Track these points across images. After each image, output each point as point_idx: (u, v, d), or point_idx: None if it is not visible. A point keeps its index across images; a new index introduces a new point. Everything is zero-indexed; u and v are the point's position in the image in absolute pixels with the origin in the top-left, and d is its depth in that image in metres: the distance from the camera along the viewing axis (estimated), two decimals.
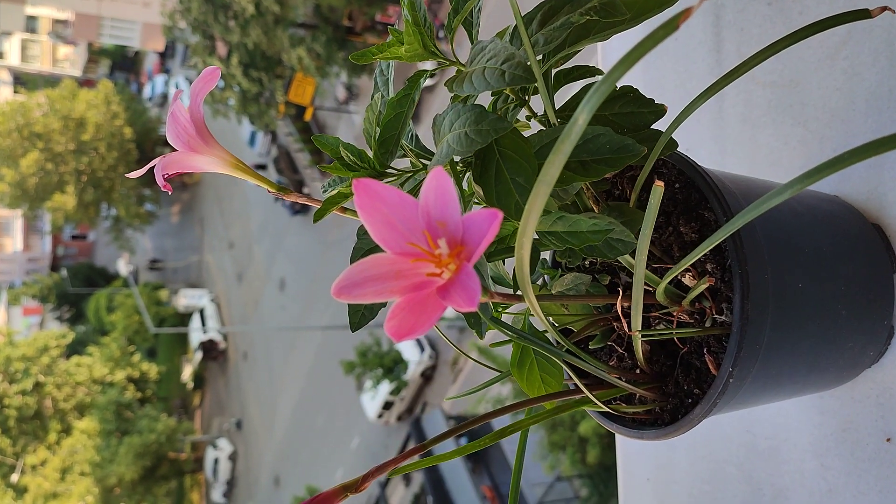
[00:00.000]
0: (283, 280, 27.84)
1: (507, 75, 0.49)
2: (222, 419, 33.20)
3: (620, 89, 0.60)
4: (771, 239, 0.60)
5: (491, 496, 14.24)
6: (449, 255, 0.41)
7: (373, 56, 0.58)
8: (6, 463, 28.28)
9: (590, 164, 0.56)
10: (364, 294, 0.41)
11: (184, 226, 39.45)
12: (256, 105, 19.68)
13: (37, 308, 41.14)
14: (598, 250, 0.58)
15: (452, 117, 0.53)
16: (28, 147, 29.13)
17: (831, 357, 0.67)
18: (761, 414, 0.82)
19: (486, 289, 0.49)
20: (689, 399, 0.63)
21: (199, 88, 0.57)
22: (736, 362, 0.57)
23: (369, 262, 0.42)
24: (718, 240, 0.49)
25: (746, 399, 0.63)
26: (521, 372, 0.65)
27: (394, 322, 0.40)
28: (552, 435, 10.26)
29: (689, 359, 0.65)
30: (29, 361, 28.23)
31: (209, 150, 0.58)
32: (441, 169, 0.39)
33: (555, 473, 11.44)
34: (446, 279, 0.41)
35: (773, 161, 0.81)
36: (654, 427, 0.64)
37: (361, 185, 0.40)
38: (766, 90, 0.83)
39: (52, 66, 43.89)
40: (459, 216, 0.40)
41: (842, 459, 0.74)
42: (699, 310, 0.62)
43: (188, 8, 19.32)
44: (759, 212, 0.47)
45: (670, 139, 0.59)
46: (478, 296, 0.37)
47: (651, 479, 0.97)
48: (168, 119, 0.57)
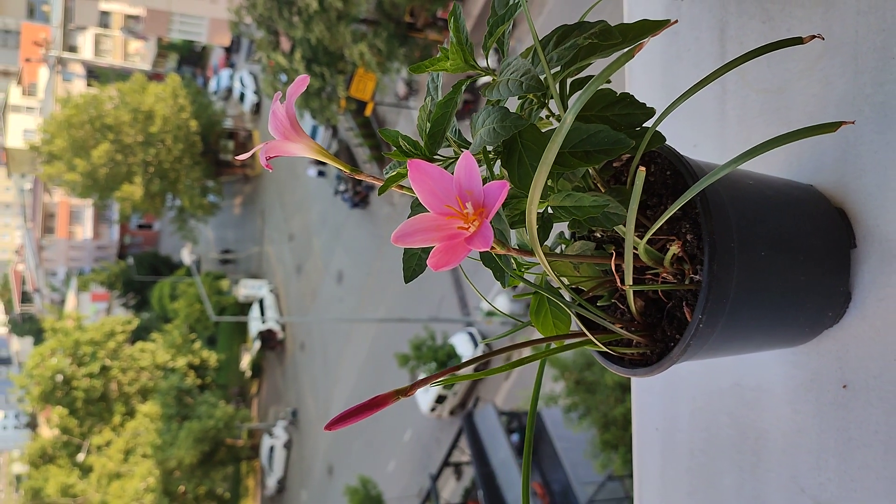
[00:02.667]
0: (340, 273, 28.25)
1: (524, 85, 0.66)
2: (278, 408, 33.79)
3: (619, 95, 0.76)
4: (739, 215, 0.76)
5: (541, 492, 14.28)
6: (474, 214, 0.58)
7: (426, 68, 0.75)
8: (73, 443, 29.28)
9: (592, 154, 0.72)
10: (414, 241, 0.59)
11: (245, 217, 40.27)
12: (318, 100, 20.01)
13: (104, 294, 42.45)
14: (598, 221, 0.74)
15: (484, 116, 0.70)
16: (99, 138, 29.99)
17: (793, 314, 0.82)
18: (749, 369, 0.97)
19: (504, 244, 0.66)
20: (672, 343, 0.79)
21: (293, 91, 0.75)
22: (704, 310, 0.73)
23: (418, 219, 0.59)
24: (684, 200, 0.65)
25: (718, 346, 0.79)
26: (538, 318, 0.82)
27: (434, 259, 0.57)
28: (604, 434, 10.30)
29: (674, 311, 0.81)
30: (96, 346, 29.11)
31: (299, 139, 0.76)
32: (469, 153, 0.56)
33: (606, 472, 11.46)
34: (472, 232, 0.58)
35: (763, 155, 0.96)
36: (644, 366, 0.80)
37: (414, 163, 0.58)
38: (760, 95, 0.98)
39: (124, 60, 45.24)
40: (481, 186, 0.57)
41: (809, 404, 0.89)
42: (680, 271, 0.78)
43: (254, 4, 19.74)
44: (711, 179, 0.64)
45: (658, 134, 0.75)
46: (491, 240, 0.55)
47: (659, 429, 1.13)
48: (270, 115, 0.75)
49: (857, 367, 0.83)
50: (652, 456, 1.15)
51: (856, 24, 0.85)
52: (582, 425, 10.80)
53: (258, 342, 34.25)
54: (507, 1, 0.75)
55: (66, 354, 28.67)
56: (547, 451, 14.37)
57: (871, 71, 0.84)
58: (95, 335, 29.31)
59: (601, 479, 12.31)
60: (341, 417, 0.66)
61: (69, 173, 30.05)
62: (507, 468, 14.35)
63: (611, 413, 10.17)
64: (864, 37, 0.84)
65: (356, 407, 0.67)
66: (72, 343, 28.55)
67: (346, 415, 0.66)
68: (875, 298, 0.82)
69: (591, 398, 10.45)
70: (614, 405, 10.17)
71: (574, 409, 10.99)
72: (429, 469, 18.80)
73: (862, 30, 0.85)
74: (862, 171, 0.84)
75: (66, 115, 30.20)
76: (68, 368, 28.40)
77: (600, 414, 10.33)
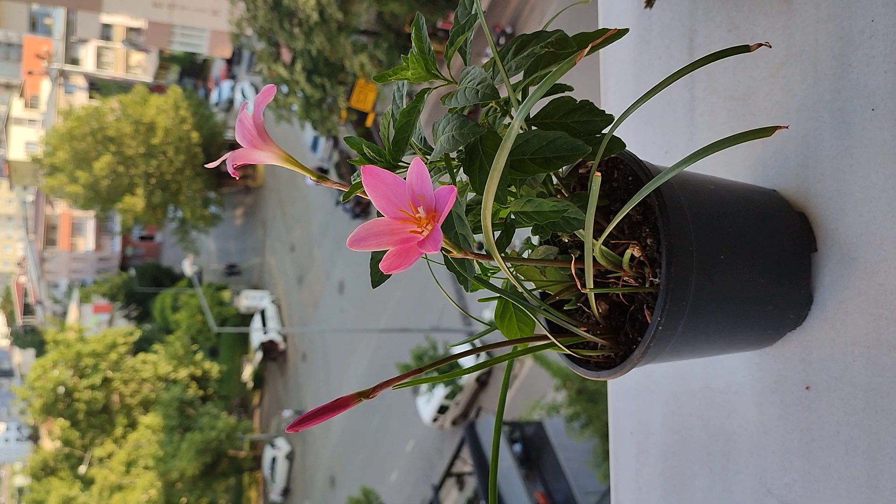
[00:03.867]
0: (342, 283, 28.27)
1: (480, 93, 0.68)
2: (281, 419, 33.76)
3: (580, 103, 0.78)
4: (698, 219, 0.77)
5: (544, 502, 14.26)
6: (426, 218, 0.59)
7: (389, 77, 0.77)
8: (75, 455, 29.25)
9: (551, 160, 0.74)
10: (369, 244, 0.60)
11: (247, 229, 40.33)
12: (319, 111, 20.09)
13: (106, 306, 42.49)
14: (559, 226, 0.76)
15: (444, 123, 0.72)
16: (101, 150, 30.08)
17: (755, 317, 0.83)
18: (718, 372, 0.99)
19: (461, 248, 0.67)
20: (634, 346, 0.80)
21: (260, 101, 0.76)
22: (663, 313, 0.74)
23: (373, 223, 0.61)
24: (636, 200, 0.67)
25: (680, 349, 0.80)
26: (503, 322, 0.84)
27: (387, 262, 0.59)
28: (607, 443, 10.27)
29: (636, 314, 0.82)
30: (98, 357, 29.12)
31: (266, 147, 0.77)
32: (419, 160, 0.58)
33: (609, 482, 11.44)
34: (424, 236, 0.59)
35: (728, 161, 0.98)
36: (608, 368, 0.82)
37: (367, 169, 0.60)
38: (726, 102, 0.99)
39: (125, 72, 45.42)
40: (432, 191, 0.59)
41: (774, 406, 0.90)
42: (641, 274, 0.80)
43: (255, 16, 19.85)
44: (662, 179, 0.65)
45: (617, 139, 0.77)
46: (440, 244, 0.56)
47: (634, 432, 1.14)
48: (237, 123, 0.76)
49: (819, 369, 0.85)
50: (627, 459, 1.16)
51: (815, 33, 0.87)
52: (584, 435, 10.79)
53: (260, 353, 34.26)
54: (470, 11, 0.77)
55: (67, 366, 28.68)
56: (549, 461, 14.34)
57: (830, 78, 0.85)
58: (97, 347, 29.33)
59: (604, 488, 12.28)
60: (305, 418, 0.68)
61: (71, 185, 30.15)
62: (510, 478, 14.32)
63: None
64: (824, 44, 0.86)
65: (319, 408, 0.68)
66: (73, 355, 28.57)
67: (309, 416, 0.68)
68: (835, 301, 0.83)
69: (594, 408, 10.46)
70: None
71: (576, 418, 10.99)
72: (431, 479, 18.77)
73: (821, 37, 0.86)
74: (822, 175, 0.86)
75: (67, 127, 30.32)
76: (70, 380, 28.41)
77: (602, 423, 10.34)
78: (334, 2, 17.87)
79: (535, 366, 13.84)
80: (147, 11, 30.84)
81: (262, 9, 19.44)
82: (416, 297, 22.51)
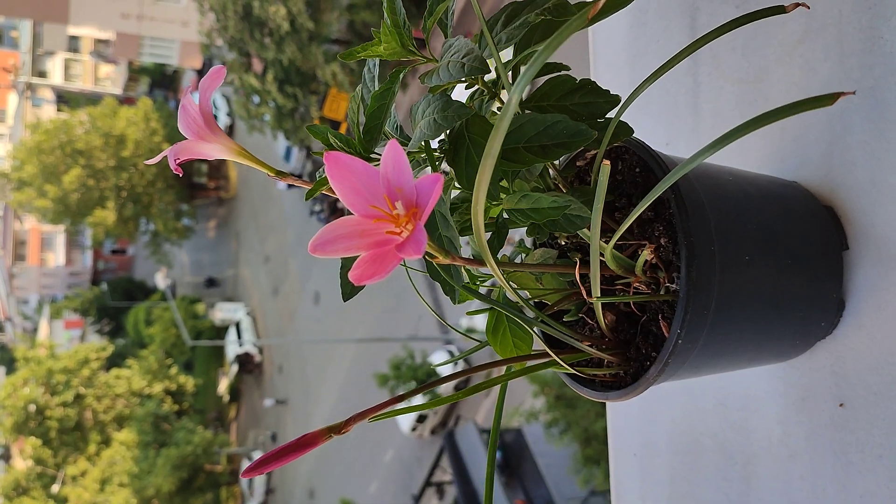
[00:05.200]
0: (317, 293, 28.04)
1: (466, 67, 0.57)
2: (257, 432, 33.43)
3: (580, 82, 0.67)
4: (720, 216, 0.67)
5: None
6: (405, 216, 0.48)
7: (357, 54, 0.66)
8: (47, 474, 28.74)
9: (549, 148, 0.63)
10: (335, 250, 0.49)
11: (220, 240, 39.94)
12: (291, 120, 19.94)
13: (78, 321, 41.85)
14: (559, 225, 0.65)
15: (424, 106, 0.61)
16: (70, 164, 29.74)
17: (781, 325, 0.73)
18: (734, 387, 0.88)
19: (448, 252, 0.56)
20: (648, 362, 0.70)
21: (207, 85, 0.65)
22: (683, 324, 0.63)
23: (339, 223, 0.49)
24: (654, 195, 0.56)
25: (701, 364, 0.69)
26: (496, 337, 0.72)
27: (357, 271, 0.47)
28: (586, 449, 10.23)
29: (649, 326, 0.71)
30: (70, 374, 28.70)
31: (216, 138, 0.66)
32: (395, 142, 0.46)
33: (589, 488, 11.37)
34: (405, 237, 0.48)
35: (742, 151, 0.88)
36: (618, 389, 0.71)
37: (332, 156, 0.48)
38: (735, 86, 0.89)
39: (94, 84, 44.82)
40: (413, 182, 0.48)
41: (802, 426, 0.80)
42: (654, 280, 0.69)
43: (225, 26, 19.66)
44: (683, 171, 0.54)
45: (625, 125, 0.66)
46: (423, 246, 0.45)
47: (637, 455, 1.03)
48: (179, 111, 0.65)
49: (855, 383, 0.74)
50: (630, 483, 1.06)
51: (839, 3, 0.77)
52: (563, 441, 10.74)
53: (235, 366, 33.91)
54: None
55: (38, 384, 28.22)
56: (529, 467, 14.25)
57: (858, 53, 0.75)
58: (69, 363, 28.89)
59: (584, 494, 12.22)
60: (264, 460, 0.56)
61: (40, 199, 29.75)
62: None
63: (592, 428, 10.13)
64: (849, 16, 0.76)
65: (281, 448, 0.57)
66: (45, 372, 28.12)
67: (267, 458, 0.56)
68: (872, 306, 0.73)
69: (572, 413, 10.40)
70: (595, 420, 10.14)
71: (555, 424, 10.93)
72: (411, 489, 18.61)
73: (846, 9, 0.77)
74: (852, 164, 0.75)
75: (35, 140, 29.93)
76: (41, 398, 27.95)
77: (581, 429, 10.29)
78: (305, 11, 17.75)
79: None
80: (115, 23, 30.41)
81: (233, 19, 19.26)
82: (393, 306, 22.37)
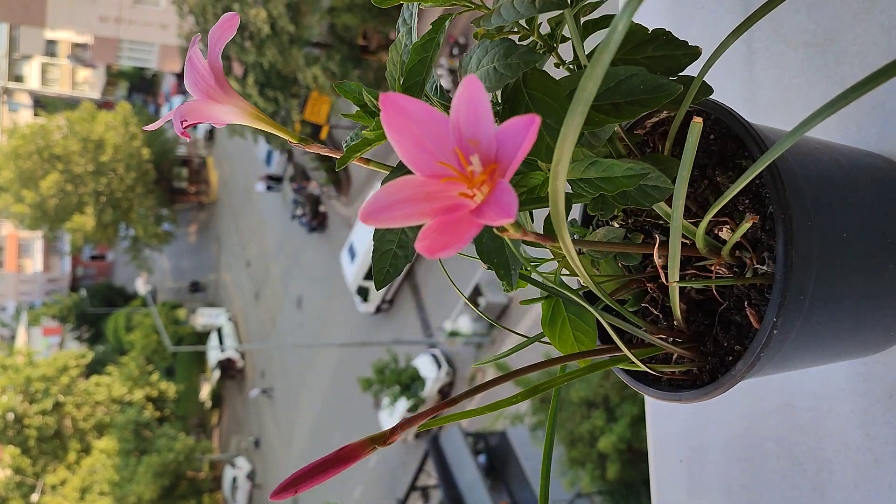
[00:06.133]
0: (300, 298, 27.89)
1: (538, 3, 0.47)
2: (240, 437, 33.21)
3: (653, 31, 0.57)
4: (815, 188, 0.58)
5: None
6: (482, 174, 0.38)
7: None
8: (26, 483, 28.38)
9: (623, 106, 0.53)
10: (393, 217, 0.39)
11: (201, 245, 39.64)
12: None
13: (56, 328, 41.40)
14: (631, 198, 0.55)
15: (480, 54, 0.51)
16: (48, 169, 29.46)
17: (876, 314, 0.64)
18: (802, 385, 0.79)
19: (523, 227, 0.47)
20: (730, 356, 0.60)
21: (218, 36, 0.55)
22: (780, 311, 0.54)
23: (398, 185, 0.39)
24: (758, 170, 0.46)
25: (789, 358, 0.60)
26: (553, 330, 0.63)
27: (427, 240, 0.38)
28: (572, 451, 10.19)
29: (729, 315, 0.62)
30: (49, 381, 28.39)
31: (228, 99, 0.56)
32: (474, 78, 0.37)
33: (575, 490, 11.33)
34: (479, 202, 0.38)
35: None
36: (693, 388, 0.61)
37: (389, 99, 0.38)
38: (799, 51, 0.80)
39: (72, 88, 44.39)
40: (493, 131, 0.38)
41: (888, 427, 0.71)
42: (738, 262, 0.60)
43: (205, 29, 19.52)
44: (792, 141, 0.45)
45: (704, 84, 0.57)
46: (515, 208, 0.35)
47: (684, 461, 0.94)
48: (186, 66, 0.55)
49: None
50: (676, 493, 0.96)
51: None
52: None
53: (217, 371, 33.66)
54: None
55: (16, 392, 27.88)
56: (514, 470, 14.21)
57: None
58: (48, 370, 28.57)
59: (570, 496, 12.18)
60: (295, 480, 0.46)
61: (17, 205, 29.45)
62: (475, 490, 14.19)
63: (577, 430, 10.10)
64: None
65: (318, 463, 0.47)
66: (23, 380, 27.79)
67: (302, 475, 0.46)
68: None
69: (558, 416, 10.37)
70: (580, 422, 10.10)
71: (540, 427, 10.89)
72: (396, 494, 18.49)
73: None
74: None
75: (12, 146, 29.63)
76: (20, 406, 27.62)
77: (566, 431, 10.25)
78: (285, 14, 17.65)
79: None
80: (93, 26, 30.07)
81: (213, 22, 19.10)
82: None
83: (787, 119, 0.82)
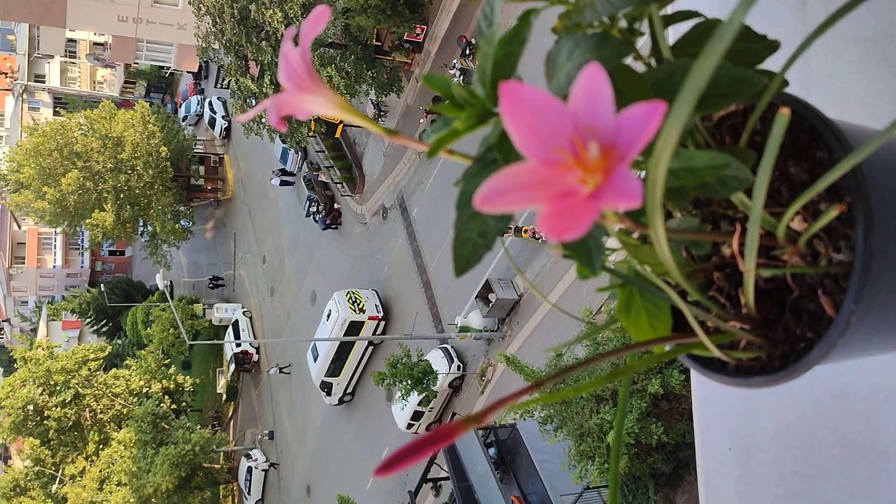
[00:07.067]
0: (314, 293, 28.03)
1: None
2: (255, 430, 33.41)
3: None
4: (891, 178, 0.59)
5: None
6: (598, 160, 0.40)
7: None
8: (46, 473, 28.68)
9: (707, 98, 0.55)
10: (507, 202, 0.41)
11: (218, 241, 39.87)
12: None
13: (76, 322, 41.78)
14: (710, 188, 0.57)
15: (571, 47, 0.53)
16: (68, 166, 29.75)
17: None
18: (857, 375, 0.81)
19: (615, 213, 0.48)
20: (802, 343, 0.62)
21: (310, 29, 0.57)
22: (858, 299, 0.56)
23: (514, 171, 0.41)
24: (849, 165, 0.48)
25: (859, 347, 0.62)
26: (629, 317, 0.64)
27: (548, 225, 0.39)
28: (580, 445, 10.20)
29: (801, 303, 0.64)
30: (68, 374, 28.68)
31: (318, 90, 0.58)
32: (597, 67, 0.38)
33: (584, 483, 11.34)
34: (592, 188, 0.40)
35: (867, 116, 0.80)
36: (762, 374, 0.63)
37: (509, 88, 0.40)
38: (857, 46, 0.81)
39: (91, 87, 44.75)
40: (612, 118, 0.40)
41: None
42: (812, 252, 0.61)
43: (222, 30, 19.65)
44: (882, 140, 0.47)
45: (781, 77, 0.59)
46: (640, 192, 0.37)
47: (734, 448, 0.95)
48: (280, 59, 0.57)
49: None
50: (725, 481, 0.98)
51: None
52: (557, 437, 10.72)
53: (233, 365, 33.90)
54: None
55: (37, 384, 28.19)
56: (524, 463, 14.25)
57: None
58: (67, 363, 28.87)
59: (579, 489, 12.20)
60: (398, 456, 0.48)
61: (38, 202, 29.76)
62: (485, 482, 14.22)
63: (586, 424, 10.10)
64: None
65: (418, 441, 0.49)
66: (43, 372, 28.10)
67: (404, 452, 0.48)
68: None
69: (566, 409, 10.39)
70: (589, 416, 10.10)
71: (549, 420, 10.91)
72: (407, 486, 18.57)
73: None
74: None
75: (33, 143, 29.93)
76: (40, 398, 27.93)
77: (575, 425, 10.27)
78: (301, 15, 17.67)
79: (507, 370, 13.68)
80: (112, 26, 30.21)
81: (230, 23, 19.24)
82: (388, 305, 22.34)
83: (843, 113, 0.83)
